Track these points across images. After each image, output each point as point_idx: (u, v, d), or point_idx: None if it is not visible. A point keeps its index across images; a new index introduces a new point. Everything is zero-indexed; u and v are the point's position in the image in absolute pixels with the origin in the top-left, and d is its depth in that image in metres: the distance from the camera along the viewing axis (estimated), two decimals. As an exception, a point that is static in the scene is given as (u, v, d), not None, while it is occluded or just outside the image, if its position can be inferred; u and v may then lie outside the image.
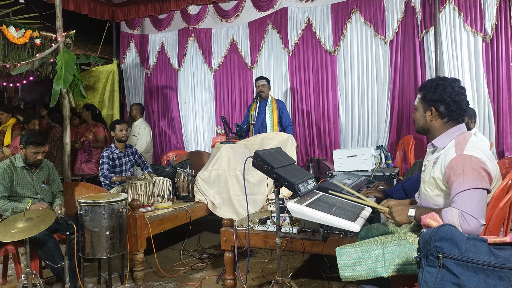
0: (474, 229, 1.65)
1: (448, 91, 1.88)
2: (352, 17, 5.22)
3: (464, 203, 1.68)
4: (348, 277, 1.91)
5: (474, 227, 1.65)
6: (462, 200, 1.69)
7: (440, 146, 1.93)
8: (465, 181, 1.70)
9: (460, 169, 1.73)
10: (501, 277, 1.37)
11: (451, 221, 1.67)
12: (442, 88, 1.90)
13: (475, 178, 1.70)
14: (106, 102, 6.43)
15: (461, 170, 1.73)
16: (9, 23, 3.93)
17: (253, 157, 2.35)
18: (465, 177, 1.71)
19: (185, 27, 6.29)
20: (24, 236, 2.54)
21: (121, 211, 3.07)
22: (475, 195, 1.69)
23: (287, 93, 5.66)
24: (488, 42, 4.60)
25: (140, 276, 3.35)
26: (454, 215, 1.68)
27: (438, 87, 1.91)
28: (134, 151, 4.55)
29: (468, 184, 1.69)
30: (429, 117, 1.95)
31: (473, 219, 1.65)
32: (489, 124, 4.61)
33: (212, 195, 4.11)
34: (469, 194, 1.69)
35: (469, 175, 1.71)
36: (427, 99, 1.94)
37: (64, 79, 4.06)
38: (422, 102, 1.98)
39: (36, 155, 3.30)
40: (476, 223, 1.65)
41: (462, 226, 1.65)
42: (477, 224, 1.65)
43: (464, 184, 1.70)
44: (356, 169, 3.83)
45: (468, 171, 1.72)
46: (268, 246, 2.86)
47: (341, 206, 2.26)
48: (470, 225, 1.65)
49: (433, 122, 1.95)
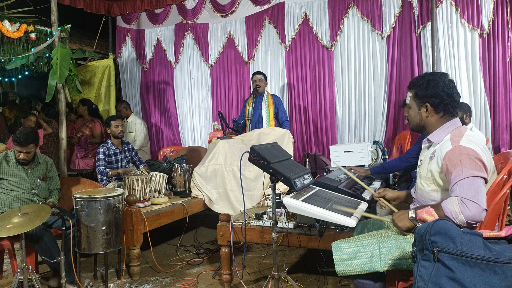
0: (475, 214, 1.63)
1: (440, 85, 1.89)
2: (349, 12, 5.21)
3: (463, 190, 1.67)
4: (343, 271, 1.92)
5: (476, 211, 1.63)
6: (461, 187, 1.68)
7: (436, 141, 1.93)
8: (463, 170, 1.71)
9: (457, 159, 1.74)
10: (496, 271, 1.38)
11: (452, 210, 1.66)
12: (434, 83, 1.90)
13: (473, 167, 1.71)
14: (102, 97, 6.40)
15: (459, 160, 1.73)
16: (3, 17, 3.89)
17: (250, 152, 2.35)
18: (463, 166, 1.71)
19: (182, 22, 6.26)
20: (20, 231, 2.53)
21: (117, 206, 3.06)
22: (474, 182, 1.68)
23: (284, 88, 5.65)
24: (484, 38, 4.60)
25: (137, 271, 3.35)
26: (454, 203, 1.66)
27: (430, 82, 1.91)
28: (130, 147, 4.53)
29: (466, 173, 1.69)
30: (425, 113, 1.95)
31: (473, 204, 1.63)
32: (485, 119, 4.62)
33: (208, 191, 4.11)
34: (468, 181, 1.68)
35: (467, 164, 1.71)
36: (420, 95, 1.94)
37: (59, 74, 4.04)
38: (415, 100, 1.97)
39: (19, 154, 3.23)
40: (477, 207, 1.63)
41: (463, 213, 1.63)
42: (479, 208, 1.63)
43: (462, 173, 1.70)
44: (352, 164, 3.83)
45: (465, 161, 1.72)
46: (264, 241, 2.86)
47: (338, 201, 2.26)
48: (471, 210, 1.63)
49: (429, 118, 1.95)
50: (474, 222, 1.65)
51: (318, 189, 2.47)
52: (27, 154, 3.26)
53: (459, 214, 1.64)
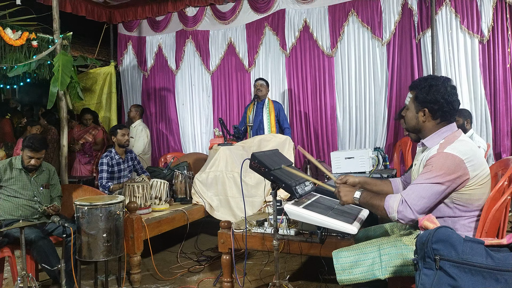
0: (405, 217, 1.74)
1: (441, 91, 1.85)
2: (349, 18, 5.24)
3: (411, 193, 1.76)
4: (345, 280, 1.90)
5: (408, 216, 1.73)
6: (410, 190, 1.77)
7: (430, 146, 1.91)
8: (425, 176, 1.76)
9: (431, 166, 1.77)
10: (498, 279, 1.37)
11: (391, 206, 1.77)
12: (436, 89, 1.86)
13: (437, 175, 1.73)
14: (103, 104, 6.42)
15: (431, 166, 1.77)
16: (6, 25, 3.91)
17: (250, 159, 2.35)
18: (430, 172, 1.75)
19: (183, 29, 6.29)
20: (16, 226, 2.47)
21: (118, 214, 3.05)
22: (426, 190, 1.74)
23: (284, 95, 5.66)
24: (484, 44, 4.61)
25: (137, 278, 3.34)
26: (396, 200, 1.77)
27: (431, 87, 1.87)
28: (133, 156, 4.52)
29: (428, 180, 1.74)
30: (422, 117, 1.91)
31: (408, 209, 1.73)
32: (486, 125, 4.62)
33: (209, 197, 4.10)
34: (422, 187, 1.75)
35: (436, 171, 1.74)
36: (420, 99, 1.90)
37: (61, 81, 4.05)
38: (415, 102, 1.93)
39: (30, 160, 3.25)
40: (410, 213, 1.73)
41: (398, 212, 1.75)
42: (411, 214, 1.73)
43: (422, 179, 1.76)
44: (353, 171, 3.83)
45: (436, 167, 1.75)
46: (265, 248, 2.85)
47: (339, 208, 2.26)
48: (405, 213, 1.73)
49: (425, 123, 1.92)
50: (403, 222, 1.78)
51: (319, 196, 2.47)
52: (37, 160, 3.29)
53: (393, 211, 1.76)
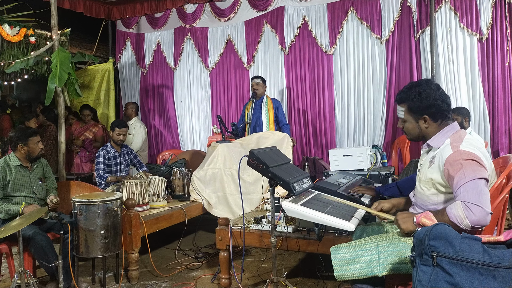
0: (481, 218, 1.61)
1: (432, 94, 1.88)
2: (348, 16, 5.23)
3: (466, 194, 1.66)
4: (342, 276, 1.91)
5: (480, 215, 1.61)
6: (464, 192, 1.67)
7: (435, 146, 1.93)
8: (465, 174, 1.70)
9: (459, 164, 1.73)
10: (495, 276, 1.37)
11: (457, 215, 1.64)
12: (426, 94, 1.89)
13: (474, 169, 1.70)
14: (101, 101, 6.41)
15: (460, 165, 1.73)
16: (3, 21, 3.89)
17: (249, 156, 2.34)
18: (464, 170, 1.71)
19: (181, 26, 6.28)
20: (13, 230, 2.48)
21: (115, 210, 3.05)
22: (477, 185, 1.67)
23: (283, 92, 5.66)
24: (483, 42, 4.61)
25: (135, 275, 3.33)
26: (459, 208, 1.65)
27: (421, 94, 1.90)
28: (129, 150, 4.54)
29: (468, 176, 1.69)
30: (423, 124, 1.94)
31: (478, 208, 1.62)
32: (484, 123, 4.63)
33: (207, 194, 4.10)
34: (471, 184, 1.67)
35: (468, 168, 1.71)
36: (415, 109, 1.93)
37: (59, 77, 4.04)
38: (411, 113, 1.96)
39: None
40: (481, 211, 1.61)
41: (468, 218, 1.62)
42: (483, 212, 1.62)
43: (465, 177, 1.69)
44: (351, 168, 3.83)
45: (466, 164, 1.72)
46: (263, 245, 2.85)
47: (336, 205, 2.26)
48: (476, 214, 1.61)
49: (428, 129, 1.94)
50: (479, 226, 1.64)
51: (317, 193, 2.47)
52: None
53: (464, 219, 1.63)
